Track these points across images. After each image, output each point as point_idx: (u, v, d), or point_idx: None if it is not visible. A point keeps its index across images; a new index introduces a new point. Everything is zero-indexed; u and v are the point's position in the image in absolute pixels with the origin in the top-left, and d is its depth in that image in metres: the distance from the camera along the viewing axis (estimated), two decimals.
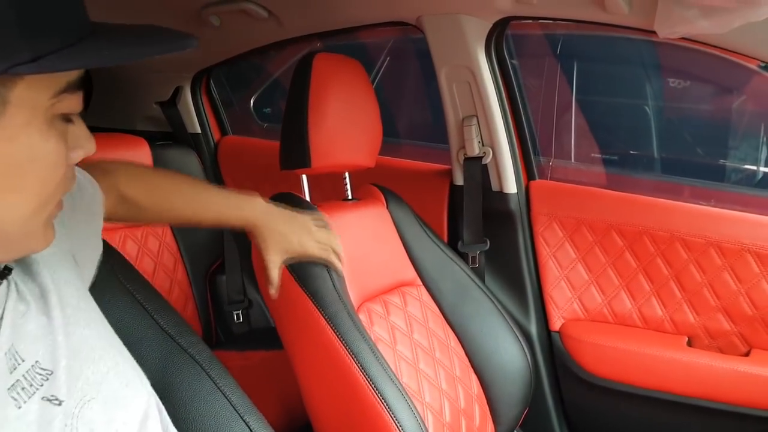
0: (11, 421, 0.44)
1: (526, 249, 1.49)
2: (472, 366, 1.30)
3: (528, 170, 1.53)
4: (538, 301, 1.50)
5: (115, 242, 1.66)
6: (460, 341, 1.32)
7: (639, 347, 1.36)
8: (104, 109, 2.01)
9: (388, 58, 2.69)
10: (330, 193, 1.43)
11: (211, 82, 2.04)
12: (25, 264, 0.54)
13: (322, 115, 1.18)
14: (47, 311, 0.52)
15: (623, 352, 1.38)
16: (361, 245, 1.26)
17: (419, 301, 1.32)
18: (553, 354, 1.48)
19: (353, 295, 1.18)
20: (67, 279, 0.57)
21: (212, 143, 2.05)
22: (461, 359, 1.29)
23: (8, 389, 0.45)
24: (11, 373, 0.46)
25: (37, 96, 0.42)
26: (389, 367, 1.07)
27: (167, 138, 2.04)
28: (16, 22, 0.38)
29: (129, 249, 1.69)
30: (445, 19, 1.32)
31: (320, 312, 1.07)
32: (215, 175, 2.05)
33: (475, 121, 1.44)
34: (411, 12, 1.35)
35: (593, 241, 1.44)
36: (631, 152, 2.39)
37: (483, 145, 1.46)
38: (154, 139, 1.89)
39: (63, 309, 0.53)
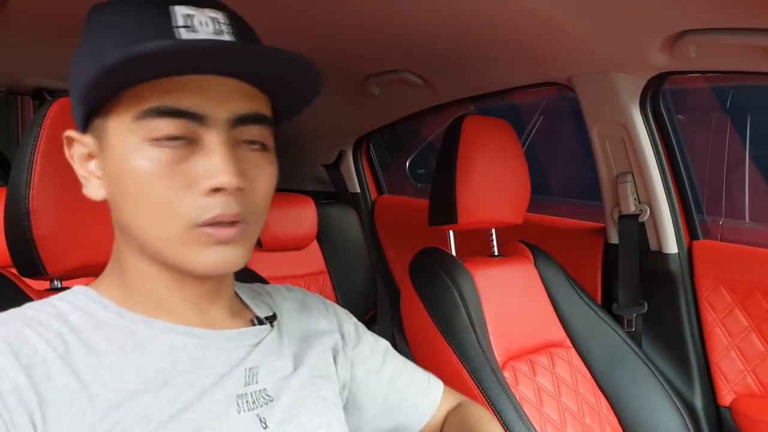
0: (231, 419, 0.54)
1: (689, 314, 1.38)
2: None
3: (690, 229, 1.43)
4: (704, 372, 1.36)
5: None
6: (613, 409, 1.25)
7: None
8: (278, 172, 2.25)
9: (541, 117, 2.70)
10: (477, 249, 1.46)
11: (371, 145, 2.20)
12: (295, 324, 0.69)
13: (470, 173, 1.23)
14: (299, 361, 0.64)
15: None
16: (507, 302, 1.26)
17: (568, 363, 1.27)
18: None
19: (498, 352, 1.18)
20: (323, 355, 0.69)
21: (370, 202, 2.20)
22: (613, 428, 1.22)
23: (237, 396, 0.56)
24: (245, 386, 0.57)
25: (123, 120, 0.52)
26: (533, 427, 1.05)
27: (330, 197, 2.22)
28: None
29: None
30: (597, 78, 1.32)
31: (463, 365, 1.09)
32: (371, 231, 2.18)
33: (630, 177, 1.39)
34: (561, 72, 1.37)
35: None
36: None
37: (639, 202, 1.40)
38: (319, 198, 2.07)
39: (312, 368, 0.65)
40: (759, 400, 1.30)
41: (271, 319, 0.66)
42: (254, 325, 0.64)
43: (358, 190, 2.19)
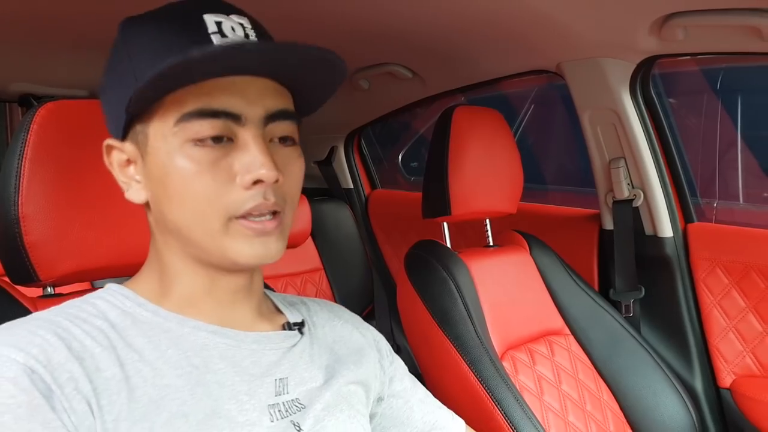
0: (264, 427, 0.57)
1: (686, 297, 1.38)
2: (628, 422, 1.22)
3: (685, 212, 1.43)
4: (703, 354, 1.37)
5: (278, 288, 1.82)
6: (614, 395, 1.25)
7: None
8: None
9: (532, 106, 2.69)
10: (472, 240, 1.46)
11: (362, 140, 2.20)
12: (328, 335, 0.70)
13: (462, 164, 1.23)
14: (330, 373, 0.65)
15: None
16: (504, 292, 1.26)
17: (568, 351, 1.28)
18: (723, 413, 1.33)
19: (496, 342, 1.18)
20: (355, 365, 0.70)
21: (363, 197, 2.19)
22: (615, 414, 1.22)
23: (269, 405, 0.58)
24: (276, 396, 0.59)
25: (165, 124, 0.55)
26: (534, 416, 1.05)
27: (323, 193, 2.22)
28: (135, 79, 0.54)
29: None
30: (586, 64, 1.32)
31: (462, 357, 1.09)
32: (366, 226, 2.17)
33: (622, 162, 1.39)
34: (550, 60, 1.37)
35: (766, 288, 1.30)
36: None
37: (633, 187, 1.40)
38: (312, 195, 2.06)
39: (344, 381, 0.66)
40: (759, 380, 1.31)
41: (300, 325, 0.67)
42: (284, 330, 0.66)
43: (351, 186, 2.19)
